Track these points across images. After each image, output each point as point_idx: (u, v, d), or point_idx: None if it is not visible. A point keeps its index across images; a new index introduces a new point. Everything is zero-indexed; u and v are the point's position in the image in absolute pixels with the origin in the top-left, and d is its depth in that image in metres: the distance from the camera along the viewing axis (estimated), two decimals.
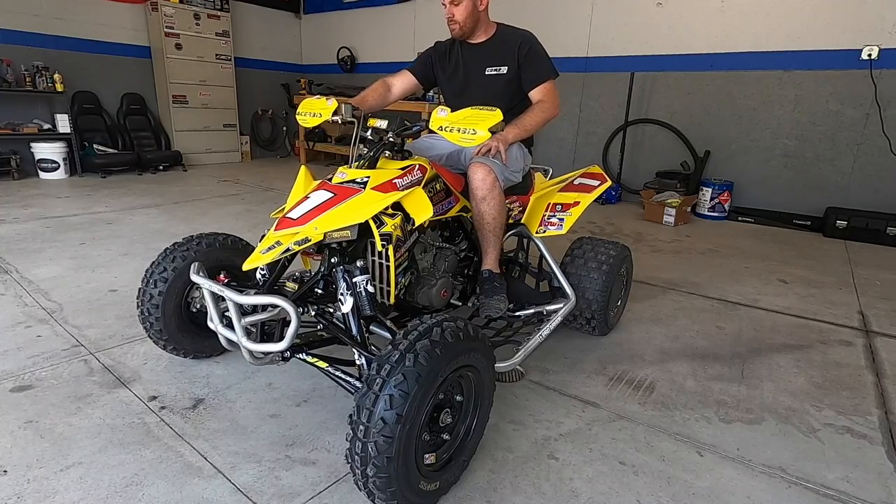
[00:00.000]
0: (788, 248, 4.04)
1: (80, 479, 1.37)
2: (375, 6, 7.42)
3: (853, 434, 1.70)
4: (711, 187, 4.91)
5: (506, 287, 1.98)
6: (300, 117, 1.86)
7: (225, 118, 7.31)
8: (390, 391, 1.11)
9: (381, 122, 1.71)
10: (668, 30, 5.17)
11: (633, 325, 2.49)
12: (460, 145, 1.59)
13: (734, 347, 2.30)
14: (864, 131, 4.40)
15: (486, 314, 1.90)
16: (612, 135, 5.71)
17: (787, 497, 1.41)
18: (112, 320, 2.32)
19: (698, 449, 1.60)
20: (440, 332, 1.22)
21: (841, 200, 4.56)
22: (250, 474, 1.42)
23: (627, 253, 2.34)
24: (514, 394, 1.86)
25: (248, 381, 1.88)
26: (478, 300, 1.97)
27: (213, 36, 6.88)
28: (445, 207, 1.80)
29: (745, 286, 3.09)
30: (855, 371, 2.12)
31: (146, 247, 3.38)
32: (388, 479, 1.13)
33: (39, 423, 1.59)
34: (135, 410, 1.68)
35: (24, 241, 3.40)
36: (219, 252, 1.87)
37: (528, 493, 1.38)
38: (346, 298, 1.49)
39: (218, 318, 1.51)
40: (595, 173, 2.40)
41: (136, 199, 4.81)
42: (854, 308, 2.81)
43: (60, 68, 5.78)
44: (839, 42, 4.37)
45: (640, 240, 4.10)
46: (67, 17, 5.98)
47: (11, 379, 1.83)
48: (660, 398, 1.87)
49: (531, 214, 2.22)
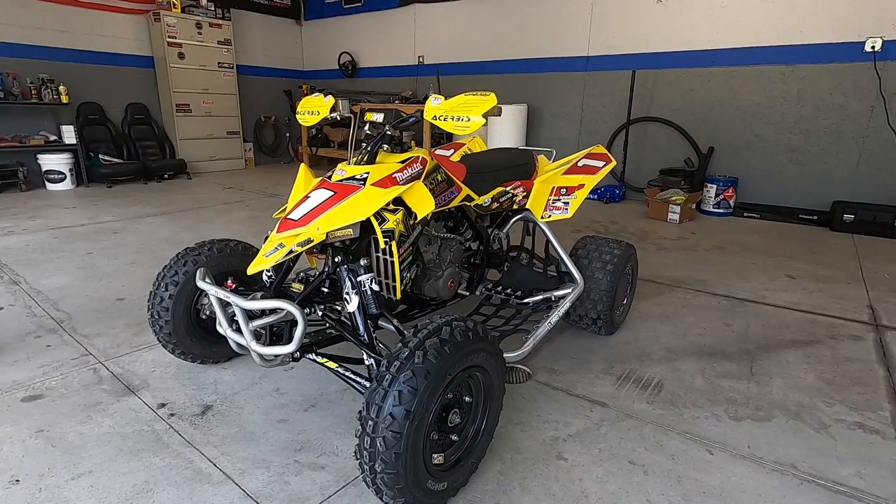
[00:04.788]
0: (795, 243, 4.01)
1: (90, 487, 1.38)
2: (375, 10, 7.45)
3: (865, 429, 1.68)
4: (716, 184, 4.89)
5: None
6: (300, 116, 1.87)
7: (228, 126, 7.37)
8: (399, 387, 1.12)
9: (377, 116, 1.70)
10: (668, 27, 5.16)
11: (639, 323, 2.48)
12: (455, 133, 1.57)
13: (742, 344, 2.28)
14: (870, 124, 4.37)
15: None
16: (615, 133, 5.70)
17: (799, 494, 1.40)
18: (120, 329, 2.34)
19: (708, 447, 1.58)
20: (450, 331, 1.23)
21: (847, 194, 4.53)
22: (259, 480, 1.42)
23: (632, 251, 2.33)
24: (521, 395, 1.85)
25: (255, 387, 1.88)
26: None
27: (215, 44, 6.94)
28: (448, 198, 1.78)
29: (752, 282, 3.07)
30: (866, 366, 2.10)
31: (153, 255, 3.40)
32: (396, 476, 1.14)
33: (50, 432, 1.61)
34: (144, 418, 1.69)
35: (32, 251, 3.43)
36: (229, 258, 1.88)
37: (537, 495, 1.38)
38: (352, 297, 1.49)
39: (226, 322, 1.52)
40: (599, 153, 2.32)
41: (141, 208, 4.84)
42: (863, 302, 2.78)
43: (65, 80, 5.84)
44: (842, 35, 4.35)
45: (645, 238, 4.08)
46: (71, 30, 6.04)
47: (22, 389, 1.85)
48: (668, 397, 1.86)
49: (536, 199, 2.15)
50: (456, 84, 6.71)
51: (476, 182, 1.91)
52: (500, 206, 2.05)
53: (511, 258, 2.35)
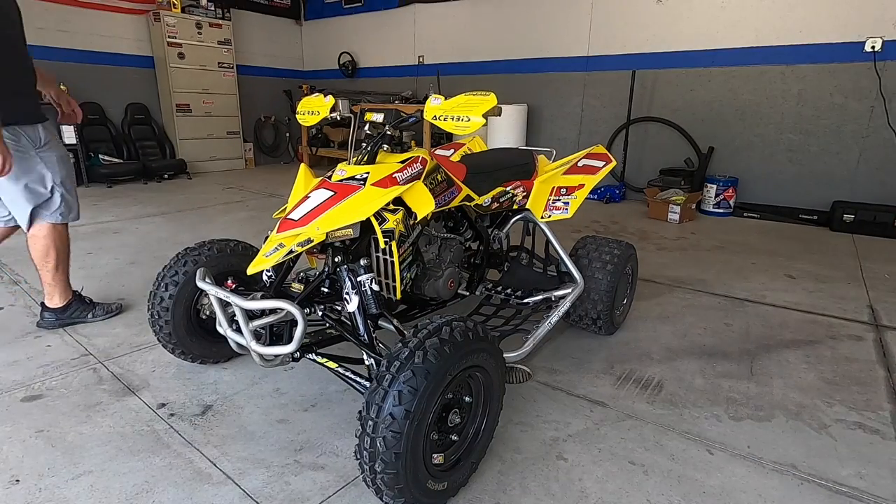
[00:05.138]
0: (795, 243, 4.01)
1: (90, 487, 1.38)
2: (375, 10, 7.45)
3: (865, 429, 1.68)
4: (716, 184, 4.89)
5: None
6: (300, 116, 1.87)
7: (228, 126, 7.36)
8: (399, 387, 1.12)
9: (377, 116, 1.70)
10: (668, 27, 5.16)
11: (639, 323, 2.48)
12: (455, 133, 1.57)
13: (742, 344, 2.28)
14: (870, 124, 4.37)
15: None
16: (615, 133, 5.69)
17: (800, 494, 1.40)
18: (120, 329, 2.34)
19: (708, 447, 1.58)
20: (450, 331, 1.23)
21: (847, 194, 4.53)
22: (259, 480, 1.42)
23: (632, 251, 2.33)
24: (521, 395, 1.85)
25: (255, 387, 1.88)
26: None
27: (215, 44, 6.93)
28: (448, 198, 1.78)
29: (752, 282, 3.07)
30: (866, 366, 2.10)
31: (153, 255, 3.40)
32: (396, 476, 1.14)
33: (50, 432, 1.61)
34: (144, 418, 1.69)
35: None
36: (229, 258, 1.88)
37: (537, 495, 1.38)
38: (352, 297, 1.49)
39: (227, 322, 1.52)
40: (599, 153, 2.32)
41: (142, 208, 4.84)
42: (863, 302, 2.78)
43: (65, 80, 5.82)
44: (842, 35, 4.35)
45: (645, 238, 4.08)
46: (71, 30, 6.04)
47: (22, 389, 1.85)
48: (668, 397, 1.86)
49: (536, 199, 2.16)
50: (456, 84, 6.71)
51: (476, 182, 1.91)
52: (500, 206, 2.05)
53: (511, 258, 2.35)
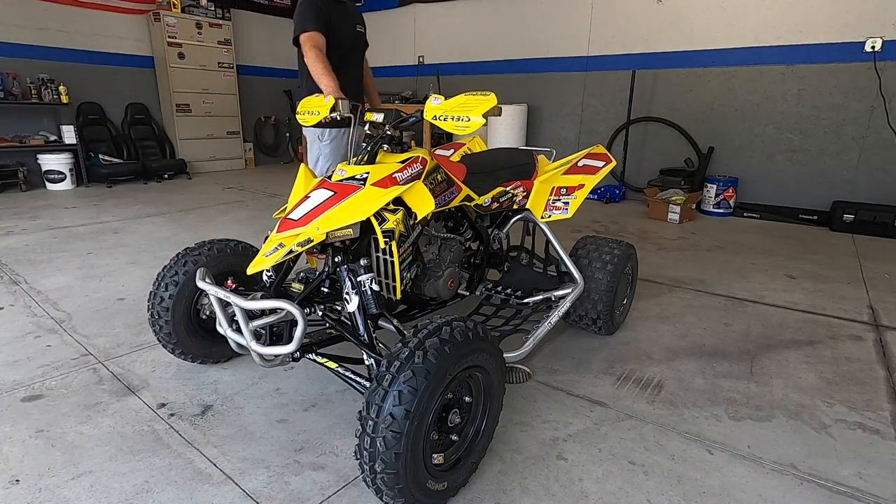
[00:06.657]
0: (795, 243, 4.01)
1: (90, 488, 1.38)
2: (375, 10, 7.45)
3: (865, 429, 1.68)
4: (716, 184, 4.89)
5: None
6: (300, 116, 1.87)
7: (228, 126, 7.36)
8: (399, 387, 1.12)
9: (377, 116, 1.70)
10: (668, 27, 5.16)
11: (639, 323, 2.48)
12: (455, 133, 1.57)
13: (742, 344, 2.28)
14: (870, 124, 4.37)
15: None
16: (615, 133, 5.70)
17: (799, 494, 1.40)
18: (120, 329, 2.34)
19: (708, 447, 1.58)
20: (450, 331, 1.23)
21: (847, 194, 4.53)
22: (259, 480, 1.42)
23: (632, 251, 2.33)
24: (521, 395, 1.85)
25: (255, 387, 1.88)
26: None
27: (215, 44, 6.93)
28: (448, 198, 1.78)
29: (752, 282, 3.07)
30: (866, 366, 2.10)
31: (153, 255, 3.40)
32: (396, 476, 1.14)
33: (50, 432, 1.61)
34: (144, 418, 1.69)
35: (32, 251, 3.43)
36: (229, 258, 1.88)
37: (537, 495, 1.38)
38: (352, 297, 1.49)
39: (227, 322, 1.52)
40: (599, 153, 2.32)
41: (142, 208, 4.84)
42: (863, 302, 2.78)
43: (65, 80, 5.84)
44: (842, 35, 4.35)
45: (645, 238, 4.08)
46: (71, 30, 6.04)
47: (22, 389, 1.85)
48: (668, 397, 1.86)
49: (536, 199, 2.16)
50: (456, 84, 6.71)
51: (476, 182, 1.91)
52: (500, 206, 2.05)
53: (511, 258, 2.35)
